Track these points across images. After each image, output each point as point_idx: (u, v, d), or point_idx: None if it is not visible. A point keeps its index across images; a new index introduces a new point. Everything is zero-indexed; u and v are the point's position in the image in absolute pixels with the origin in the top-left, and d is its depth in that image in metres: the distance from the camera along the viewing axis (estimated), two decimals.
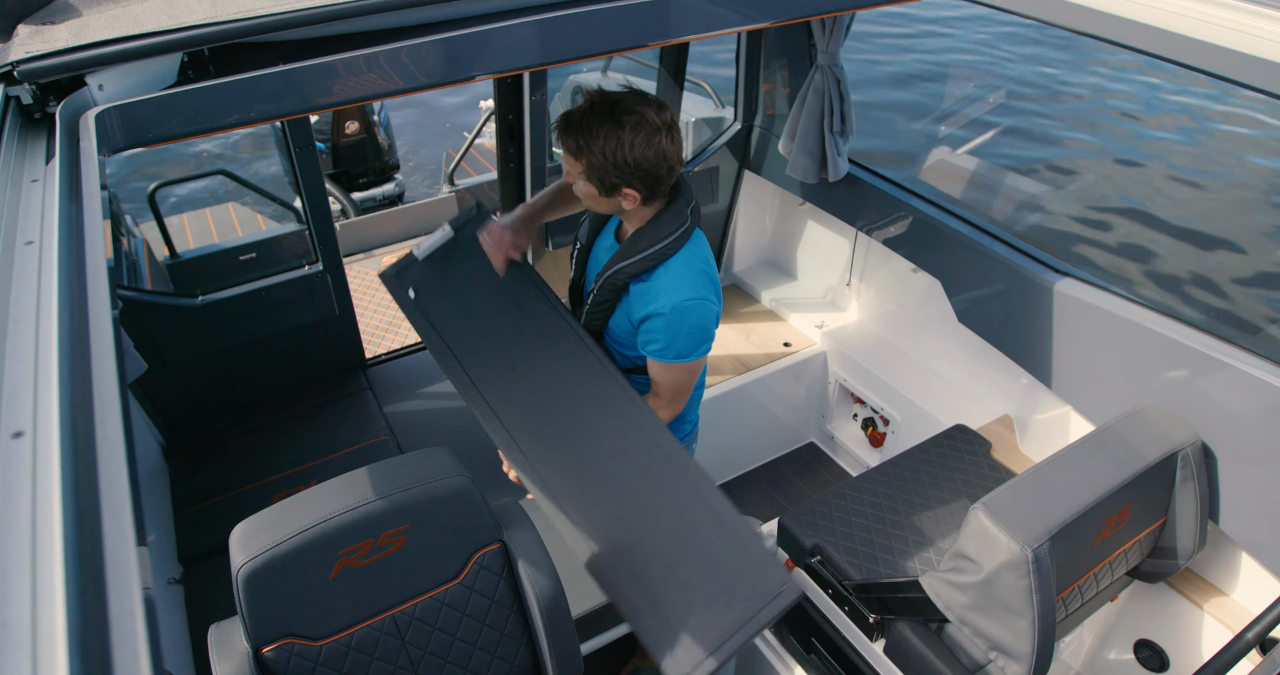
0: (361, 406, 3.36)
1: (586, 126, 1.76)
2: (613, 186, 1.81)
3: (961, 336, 3.10)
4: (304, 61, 1.65)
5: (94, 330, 0.92)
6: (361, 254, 5.27)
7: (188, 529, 2.82)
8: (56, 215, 1.11)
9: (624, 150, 1.75)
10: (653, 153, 1.77)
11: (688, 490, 1.79)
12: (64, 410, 0.79)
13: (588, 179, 1.83)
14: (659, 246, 1.90)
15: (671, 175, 1.85)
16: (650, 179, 1.81)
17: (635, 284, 1.95)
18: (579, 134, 1.77)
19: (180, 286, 4.35)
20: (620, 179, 1.79)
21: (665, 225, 1.92)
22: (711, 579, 1.67)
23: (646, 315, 1.91)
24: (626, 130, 1.74)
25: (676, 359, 1.95)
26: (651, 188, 1.84)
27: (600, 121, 1.75)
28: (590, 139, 1.76)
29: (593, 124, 1.76)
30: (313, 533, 1.57)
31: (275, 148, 6.04)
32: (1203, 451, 2.23)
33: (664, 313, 1.87)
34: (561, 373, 1.98)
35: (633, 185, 1.81)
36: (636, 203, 1.86)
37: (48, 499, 0.70)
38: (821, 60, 3.07)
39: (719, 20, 2.09)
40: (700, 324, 1.92)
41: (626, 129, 1.74)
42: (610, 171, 1.78)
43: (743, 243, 4.18)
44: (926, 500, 2.61)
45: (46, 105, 1.49)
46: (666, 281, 1.90)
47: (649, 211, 1.94)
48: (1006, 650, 1.94)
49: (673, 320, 1.88)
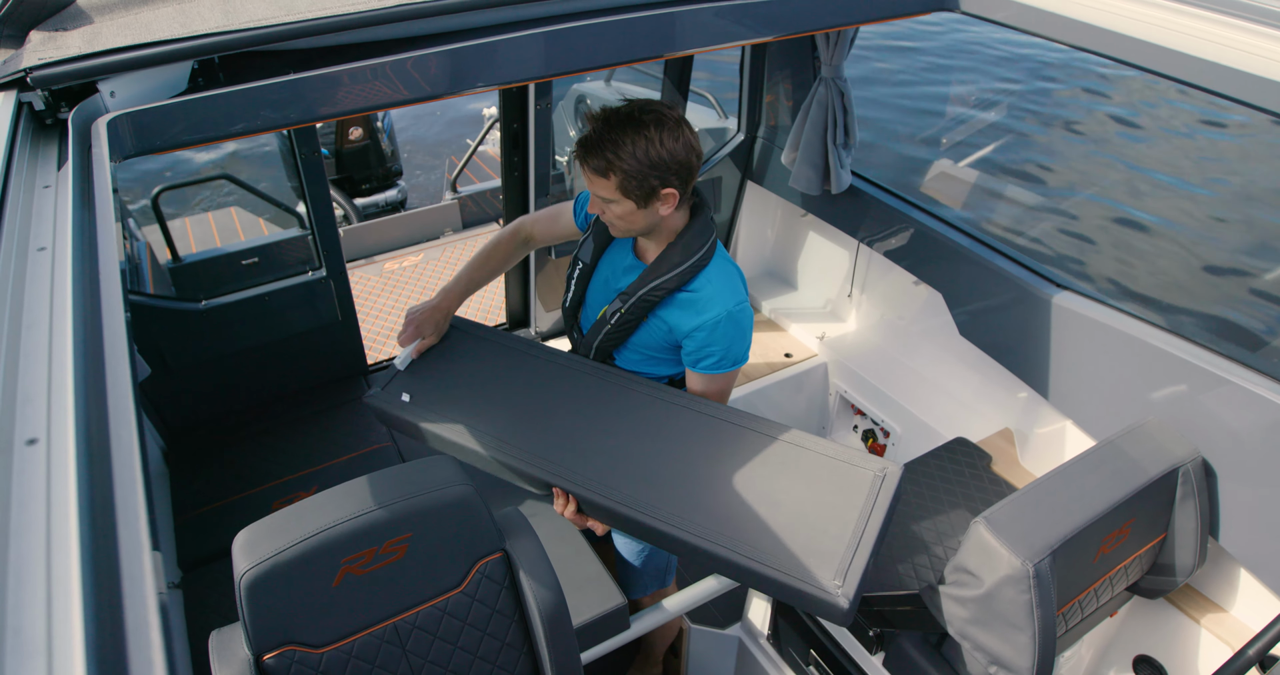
0: (363, 412, 3.36)
1: (610, 139, 1.74)
2: (651, 191, 1.79)
3: (962, 349, 3.11)
4: (313, 71, 1.67)
5: (107, 337, 0.93)
6: (364, 260, 5.28)
7: (188, 534, 2.81)
8: (69, 222, 1.11)
9: (655, 147, 1.73)
10: (681, 144, 1.76)
11: (757, 436, 1.84)
12: (78, 417, 0.80)
13: (624, 194, 1.79)
14: (697, 257, 1.89)
15: (698, 166, 1.85)
16: (685, 173, 1.80)
17: (678, 295, 1.92)
18: (605, 149, 1.75)
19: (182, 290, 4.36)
20: (659, 180, 1.77)
21: (699, 236, 1.91)
22: (819, 496, 1.71)
23: (696, 327, 1.89)
24: (651, 128, 1.73)
25: (733, 365, 1.95)
26: (686, 183, 1.83)
27: (623, 129, 1.74)
28: (618, 149, 1.74)
29: (616, 135, 1.74)
30: (316, 540, 1.57)
31: (278, 153, 6.05)
32: (1203, 468, 2.24)
33: (719, 321, 1.86)
34: (583, 403, 1.97)
35: (670, 183, 1.79)
36: (674, 203, 1.84)
37: (63, 506, 0.71)
38: (825, 72, 3.08)
39: (723, 34, 2.11)
40: (749, 326, 1.94)
41: (651, 127, 1.73)
42: (648, 174, 1.76)
43: (744, 253, 4.19)
44: (927, 513, 2.61)
45: (58, 111, 1.50)
46: (713, 291, 1.89)
47: (679, 221, 1.93)
48: (1007, 665, 1.94)
49: (729, 328, 1.88)
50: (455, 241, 5.54)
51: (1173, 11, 2.03)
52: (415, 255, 5.35)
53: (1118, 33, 2.06)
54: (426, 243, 5.55)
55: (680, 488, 1.76)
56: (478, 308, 4.73)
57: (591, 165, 1.78)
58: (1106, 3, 2.13)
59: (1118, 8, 2.10)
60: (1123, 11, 2.08)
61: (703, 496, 1.74)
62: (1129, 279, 7.12)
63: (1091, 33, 2.12)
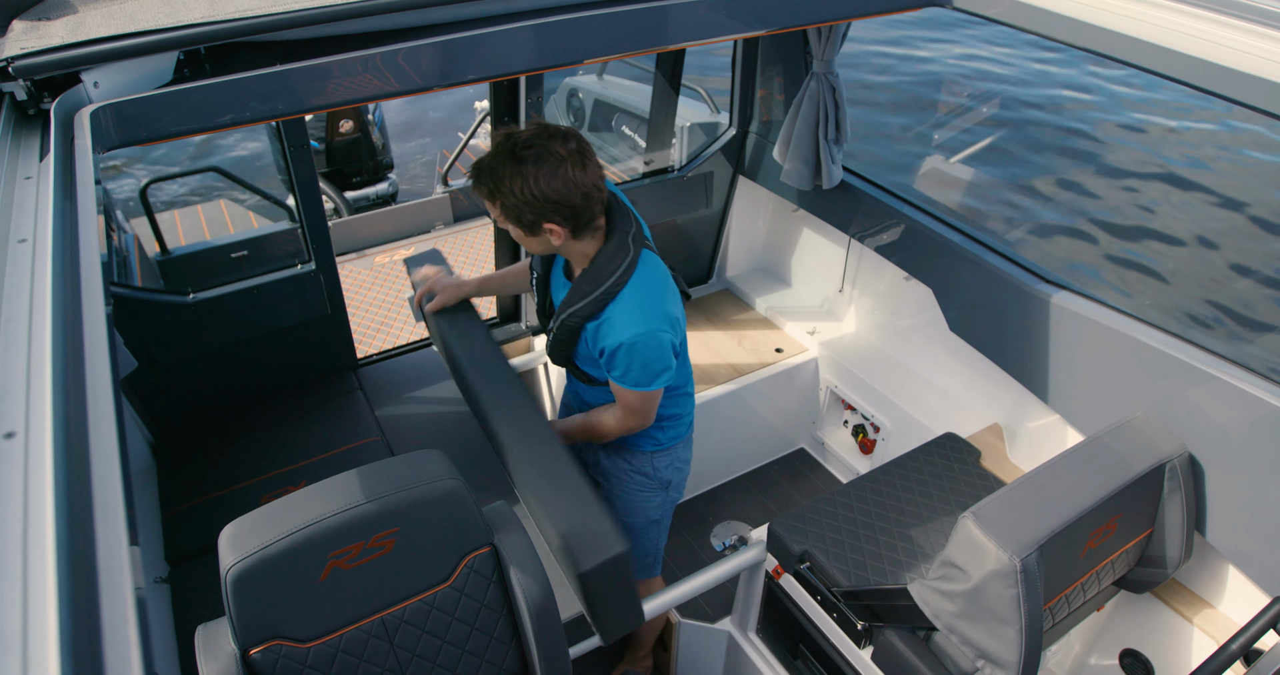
0: (352, 407, 3.35)
1: (492, 170, 1.80)
2: (532, 223, 1.84)
3: (953, 345, 3.11)
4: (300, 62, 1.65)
5: (88, 330, 0.92)
6: (354, 253, 5.26)
7: (175, 528, 2.80)
8: (51, 213, 1.10)
9: (530, 185, 1.77)
10: (559, 182, 1.78)
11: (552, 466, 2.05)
12: (57, 411, 0.79)
13: (507, 220, 1.86)
14: (605, 286, 1.93)
15: (590, 203, 1.86)
16: (566, 210, 1.83)
17: (589, 323, 2.00)
18: (488, 179, 1.81)
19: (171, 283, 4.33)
20: (536, 215, 1.82)
21: (608, 263, 1.94)
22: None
23: (604, 347, 1.96)
24: (529, 165, 1.76)
25: (635, 386, 2.00)
26: (573, 219, 1.86)
27: (503, 162, 1.78)
28: (498, 181, 1.79)
29: (497, 166, 1.79)
30: (303, 534, 1.56)
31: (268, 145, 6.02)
32: (1190, 463, 2.25)
33: (620, 347, 1.92)
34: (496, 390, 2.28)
35: (552, 220, 1.83)
36: (564, 237, 1.88)
37: (40, 500, 0.70)
38: (817, 68, 3.08)
39: (715, 27, 2.10)
40: (654, 356, 1.96)
41: (529, 164, 1.76)
42: (524, 209, 1.81)
43: (736, 248, 4.19)
44: (916, 508, 2.62)
45: (41, 102, 1.48)
46: (618, 318, 1.94)
47: (589, 247, 1.96)
48: (993, 659, 1.95)
49: (629, 355, 1.93)
50: (446, 235, 5.53)
51: (1169, 10, 2.03)
52: (406, 249, 5.34)
53: (1112, 31, 2.06)
54: (417, 236, 5.53)
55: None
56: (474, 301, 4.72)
57: (477, 191, 1.86)
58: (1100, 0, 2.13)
59: (1113, 5, 2.10)
60: (1118, 9, 2.08)
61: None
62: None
63: (1085, 30, 2.12)
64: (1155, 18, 2.02)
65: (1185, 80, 1.93)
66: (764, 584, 2.62)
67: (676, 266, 2.17)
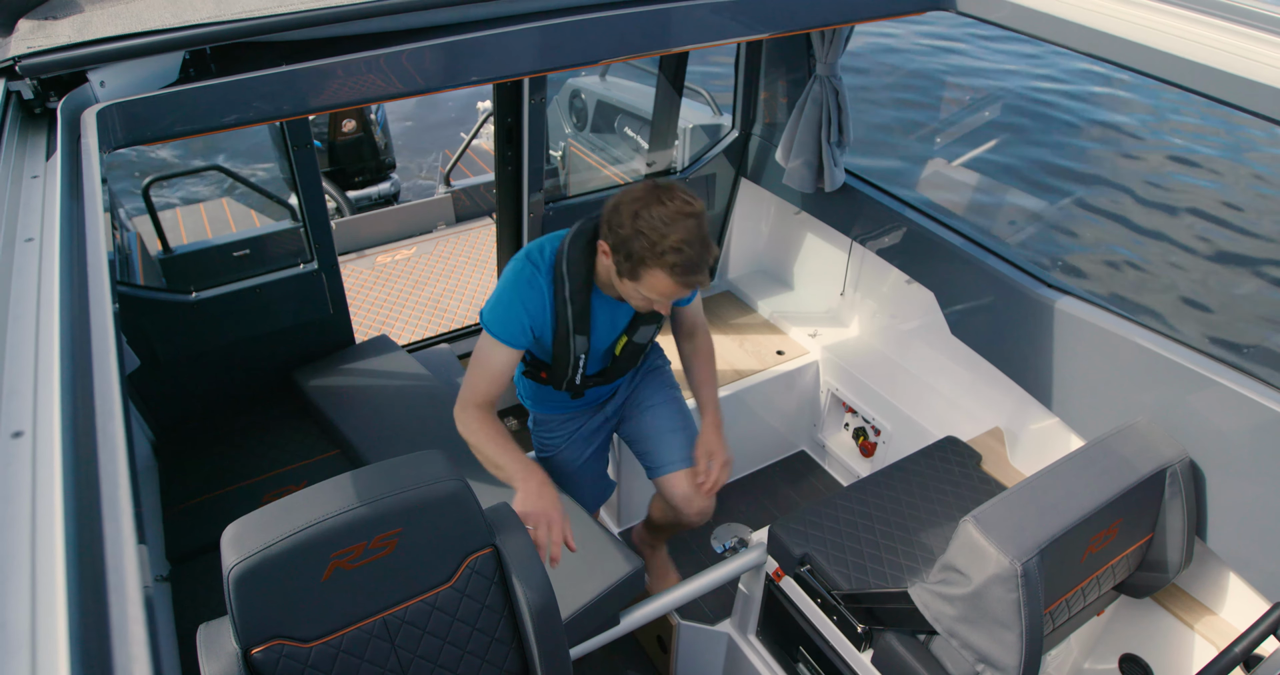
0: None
1: (709, 254, 2.01)
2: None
3: (954, 348, 3.11)
4: (306, 63, 1.66)
5: (95, 329, 0.92)
6: (356, 253, 5.26)
7: (177, 526, 2.80)
8: (58, 212, 1.10)
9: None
10: None
11: None
12: (64, 410, 0.79)
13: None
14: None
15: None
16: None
17: None
18: (707, 264, 2.02)
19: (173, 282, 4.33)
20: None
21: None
22: None
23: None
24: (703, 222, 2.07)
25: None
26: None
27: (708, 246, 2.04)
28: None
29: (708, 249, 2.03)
30: (306, 534, 1.56)
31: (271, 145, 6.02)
32: (1191, 468, 2.25)
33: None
34: None
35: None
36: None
37: (48, 499, 0.70)
38: (820, 70, 3.08)
39: (719, 30, 2.11)
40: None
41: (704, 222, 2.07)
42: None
43: (737, 251, 4.19)
44: (916, 511, 2.62)
45: (47, 101, 1.49)
46: None
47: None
48: (994, 663, 1.95)
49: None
50: (448, 235, 5.53)
51: (1171, 15, 2.03)
52: (408, 249, 5.33)
53: (1112, 35, 2.06)
54: (419, 236, 5.53)
55: None
56: (471, 302, 4.72)
57: (699, 280, 1.99)
58: (1102, 5, 2.14)
59: (1113, 10, 2.10)
60: (1118, 14, 2.08)
61: None
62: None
63: (1086, 35, 2.12)
64: (1157, 23, 2.02)
65: (1188, 86, 1.94)
66: (764, 586, 2.63)
67: None
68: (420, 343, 3.91)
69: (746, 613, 2.79)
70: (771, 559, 2.56)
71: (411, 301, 4.76)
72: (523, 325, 2.15)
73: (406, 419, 3.10)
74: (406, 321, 4.59)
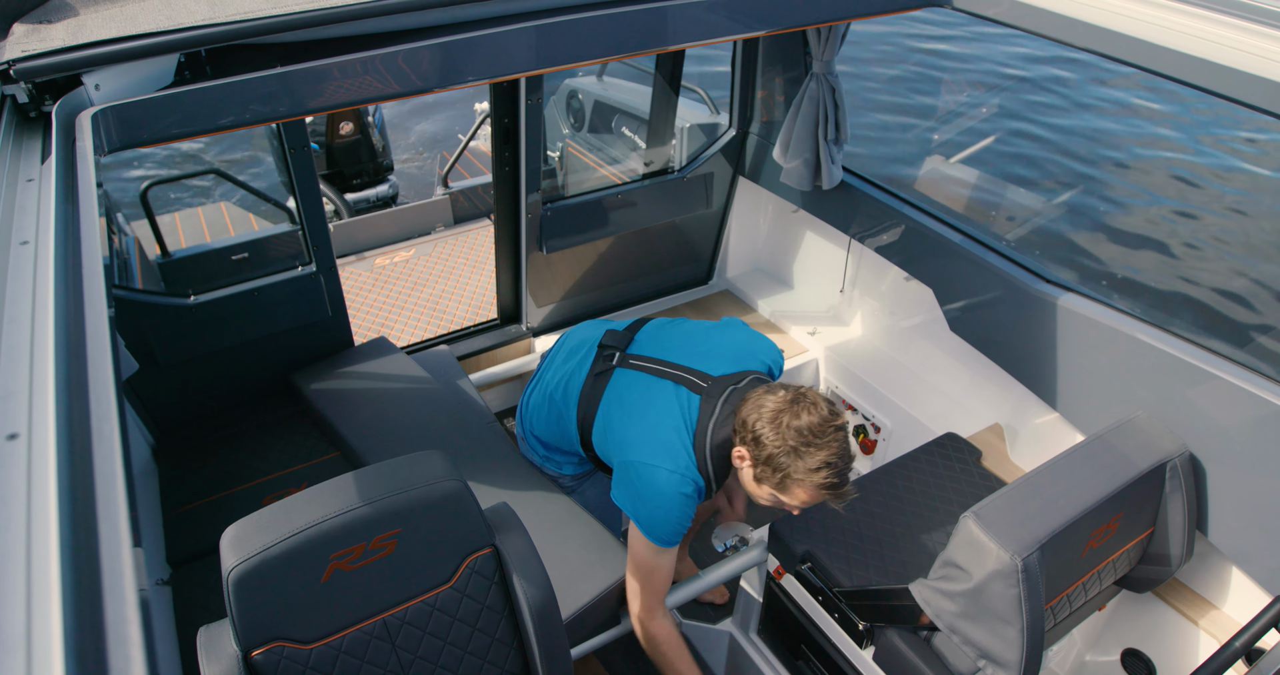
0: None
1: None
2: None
3: (953, 345, 3.11)
4: (301, 64, 1.66)
5: (90, 332, 0.92)
6: (354, 256, 5.25)
7: (176, 530, 2.80)
8: (52, 215, 1.10)
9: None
10: None
11: None
12: (60, 412, 0.79)
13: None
14: None
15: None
16: None
17: None
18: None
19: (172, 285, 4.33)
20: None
21: None
22: None
23: None
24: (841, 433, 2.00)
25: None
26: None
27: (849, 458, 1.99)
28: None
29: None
30: (305, 536, 1.56)
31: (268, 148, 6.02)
32: (1191, 462, 2.25)
33: None
34: None
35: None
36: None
37: (43, 502, 0.70)
38: (817, 68, 3.08)
39: (715, 28, 2.10)
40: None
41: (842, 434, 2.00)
42: None
43: (736, 249, 4.19)
44: (917, 508, 2.61)
45: (42, 104, 1.48)
46: None
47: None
48: (995, 659, 1.95)
49: None
50: (446, 237, 5.52)
51: (1170, 10, 2.03)
52: (406, 251, 5.33)
53: (1112, 31, 2.06)
54: (418, 238, 5.52)
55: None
56: (470, 304, 4.72)
57: (846, 492, 1.95)
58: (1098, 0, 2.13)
59: (1113, 5, 2.10)
60: (1117, 9, 2.08)
61: None
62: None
63: (1085, 30, 2.12)
64: (1156, 18, 2.02)
65: (1186, 80, 1.93)
66: (765, 584, 2.63)
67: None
68: (419, 344, 3.91)
69: (748, 611, 2.79)
70: (772, 557, 2.56)
71: (410, 303, 4.76)
72: (680, 529, 2.16)
73: (406, 421, 3.10)
74: (405, 323, 4.59)
